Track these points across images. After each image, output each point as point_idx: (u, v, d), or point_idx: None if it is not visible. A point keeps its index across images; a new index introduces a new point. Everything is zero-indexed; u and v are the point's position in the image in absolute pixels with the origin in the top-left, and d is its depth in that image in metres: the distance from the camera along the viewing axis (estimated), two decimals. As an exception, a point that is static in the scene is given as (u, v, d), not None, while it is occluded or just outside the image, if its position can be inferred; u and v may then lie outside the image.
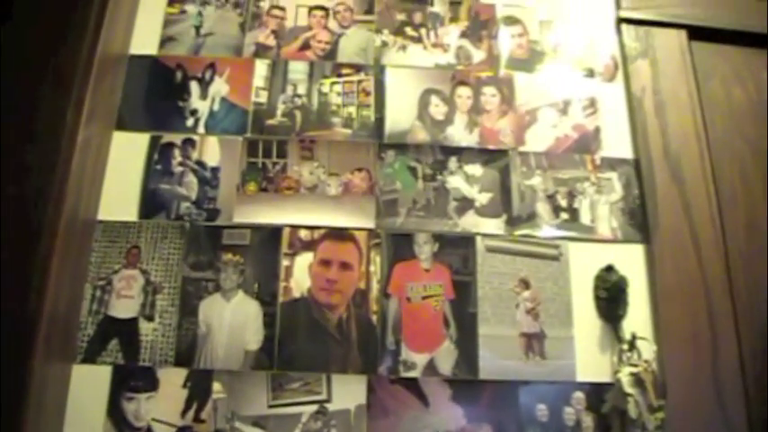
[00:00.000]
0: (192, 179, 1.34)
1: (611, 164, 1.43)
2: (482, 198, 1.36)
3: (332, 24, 1.49)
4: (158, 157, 1.36)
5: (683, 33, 1.57)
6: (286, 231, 1.31)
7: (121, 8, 1.39)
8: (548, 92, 1.48)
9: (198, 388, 1.21)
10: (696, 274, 1.35)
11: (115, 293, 1.26)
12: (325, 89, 1.43)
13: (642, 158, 1.43)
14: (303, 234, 1.31)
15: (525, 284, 1.31)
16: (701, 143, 1.46)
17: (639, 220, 1.39)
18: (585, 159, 1.42)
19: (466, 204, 1.36)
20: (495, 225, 1.35)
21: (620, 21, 1.57)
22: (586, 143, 1.44)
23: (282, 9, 1.50)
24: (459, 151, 1.40)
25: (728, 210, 1.43)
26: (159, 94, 1.41)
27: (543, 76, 1.50)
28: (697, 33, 1.57)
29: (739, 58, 1.59)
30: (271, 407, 1.20)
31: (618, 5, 1.58)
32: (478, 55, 1.49)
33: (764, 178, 1.48)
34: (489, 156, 1.40)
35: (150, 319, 1.24)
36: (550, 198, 1.38)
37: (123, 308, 1.25)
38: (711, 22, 1.58)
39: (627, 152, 1.45)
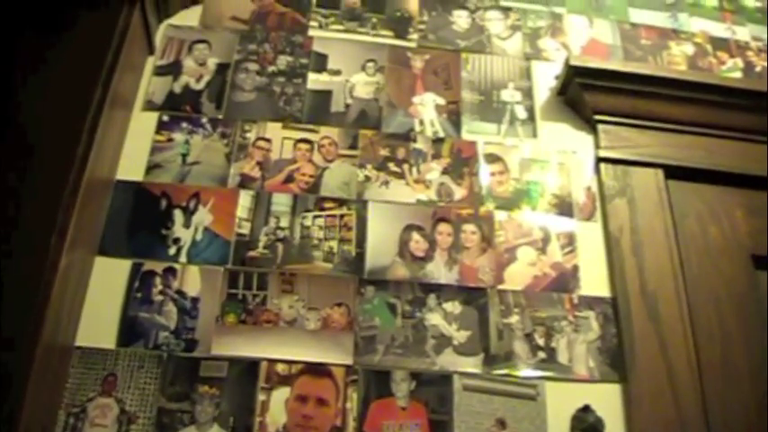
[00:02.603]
0: (171, 308, 1.43)
1: (589, 303, 1.55)
2: (460, 336, 1.47)
3: (316, 158, 1.64)
4: (139, 284, 1.45)
5: (659, 172, 1.72)
6: (264, 365, 1.40)
7: (111, 134, 1.50)
8: (527, 230, 1.61)
9: None
10: (673, 415, 1.44)
11: (89, 422, 1.31)
12: (308, 222, 1.55)
13: (619, 297, 1.55)
14: (281, 368, 1.40)
15: (502, 424, 1.40)
16: (678, 282, 1.59)
17: (616, 360, 1.49)
18: (563, 298, 1.54)
19: (444, 342, 1.46)
20: (472, 363, 1.45)
21: (599, 160, 1.72)
22: (564, 282, 1.57)
23: (268, 141, 1.65)
24: (438, 288, 1.51)
25: (705, 349, 1.53)
26: (143, 221, 1.52)
27: (523, 215, 1.64)
28: (673, 172, 1.73)
29: (714, 196, 1.74)
30: None
31: (597, 145, 1.74)
32: (460, 192, 1.64)
33: (740, 317, 1.59)
34: (468, 293, 1.52)
35: (123, 450, 1.30)
36: (528, 337, 1.49)
37: (96, 438, 1.31)
38: (687, 161, 1.74)
39: (604, 291, 1.57)
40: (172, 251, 1.50)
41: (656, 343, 1.51)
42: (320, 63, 1.78)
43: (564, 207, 1.66)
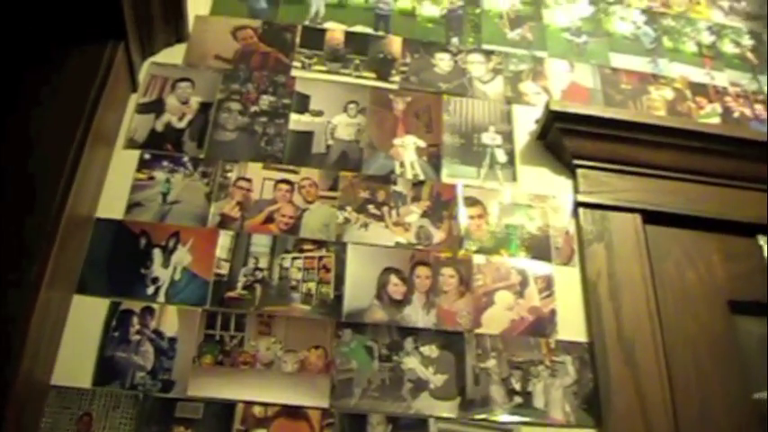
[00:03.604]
0: (148, 348, 1.46)
1: (566, 347, 1.59)
2: (437, 380, 1.51)
3: (297, 199, 1.68)
4: (116, 323, 1.48)
5: (638, 217, 1.78)
6: (240, 407, 1.43)
7: (92, 171, 1.53)
8: (505, 274, 1.66)
9: None
10: (649, 461, 1.48)
11: (63, 463, 1.33)
12: (287, 264, 1.59)
13: (596, 342, 1.59)
14: (257, 411, 1.43)
15: (477, 469, 1.44)
16: (655, 326, 1.64)
17: (593, 405, 1.53)
18: (540, 342, 1.59)
19: (420, 386, 1.49)
20: (448, 408, 1.48)
21: (578, 204, 1.77)
22: (542, 326, 1.61)
23: (249, 181, 1.69)
24: (415, 332, 1.55)
25: (681, 394, 1.57)
26: (122, 259, 1.55)
27: (501, 258, 1.68)
28: (651, 217, 1.79)
29: (692, 241, 1.80)
30: None
31: (576, 189, 1.79)
32: (438, 235, 1.68)
33: (717, 362, 1.64)
34: (445, 337, 1.56)
35: (97, 492, 1.32)
36: (505, 381, 1.53)
37: (70, 480, 1.33)
38: (665, 206, 1.80)
39: (581, 335, 1.61)
40: (150, 290, 1.53)
41: (632, 388, 1.56)
42: (302, 104, 1.83)
43: (542, 251, 1.71)
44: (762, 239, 1.82)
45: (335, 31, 1.98)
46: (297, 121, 1.80)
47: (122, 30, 1.59)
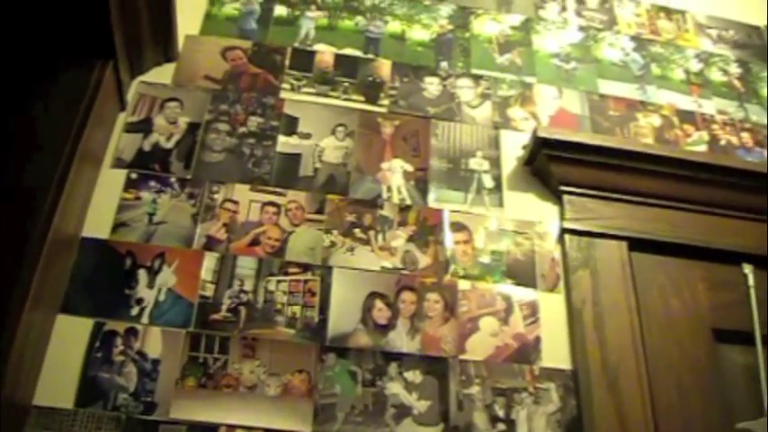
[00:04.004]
0: (131, 369, 1.47)
1: (550, 374, 1.60)
2: (420, 406, 1.52)
3: (283, 221, 1.69)
4: (100, 344, 1.48)
5: (623, 245, 1.80)
6: (222, 431, 1.43)
7: (78, 190, 1.54)
8: (490, 300, 1.67)
9: None
10: (631, 491, 1.49)
11: (43, 484, 1.34)
12: (272, 287, 1.60)
13: (580, 370, 1.61)
14: (239, 434, 1.44)
15: (459, 496, 1.45)
16: (639, 354, 1.65)
17: (576, 433, 1.54)
18: (524, 369, 1.60)
19: (404, 412, 1.50)
20: (431, 434, 1.50)
21: (564, 231, 1.79)
22: (526, 353, 1.62)
23: (236, 203, 1.70)
24: (399, 357, 1.56)
25: (664, 422, 1.59)
26: (107, 280, 1.56)
27: (486, 284, 1.70)
28: (637, 245, 1.81)
29: (677, 269, 1.82)
30: None
31: (562, 216, 1.82)
32: (424, 260, 1.70)
33: (701, 390, 1.66)
34: (429, 363, 1.57)
35: None
36: (488, 408, 1.54)
37: (48, 502, 1.33)
38: (651, 234, 1.82)
39: (566, 363, 1.63)
40: (134, 311, 1.54)
41: (615, 416, 1.57)
42: (291, 126, 1.85)
43: (527, 277, 1.73)
44: (747, 268, 1.84)
45: (325, 54, 2.00)
46: (285, 143, 1.82)
47: (112, 49, 1.60)
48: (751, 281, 1.82)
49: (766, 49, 2.38)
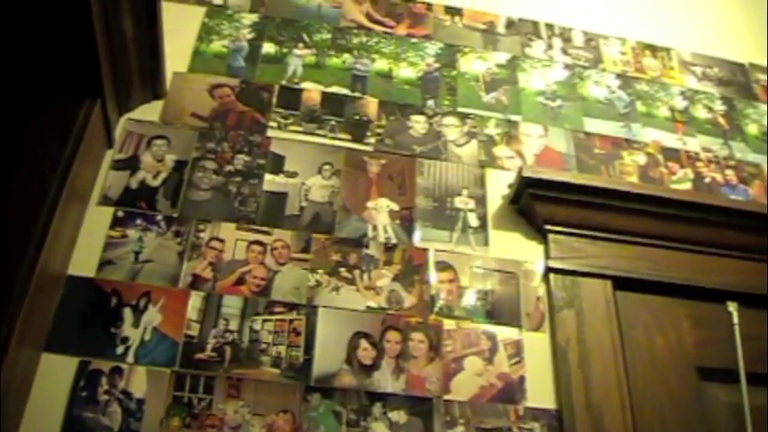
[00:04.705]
0: (116, 409, 1.48)
1: (534, 414, 1.63)
2: (404, 447, 1.54)
3: (269, 260, 1.72)
4: (85, 383, 1.49)
5: (608, 283, 1.84)
6: (206, 471, 1.45)
7: (65, 228, 1.56)
8: (475, 340, 1.70)
9: None
10: None
11: None
12: (257, 326, 1.62)
13: (564, 410, 1.63)
14: (223, 475, 1.46)
15: None
16: (623, 393, 1.68)
17: (560, 472, 1.57)
18: (509, 409, 1.62)
19: (388, 452, 1.53)
20: (415, 474, 1.52)
21: (549, 270, 1.83)
22: (511, 393, 1.65)
23: (222, 241, 1.73)
24: (384, 397, 1.58)
25: (650, 462, 1.61)
26: (92, 318, 1.57)
27: (471, 324, 1.73)
28: (622, 283, 1.84)
29: (662, 307, 1.85)
30: None
31: (547, 255, 1.85)
32: (409, 300, 1.73)
33: (685, 428, 1.69)
34: (414, 403, 1.59)
35: None
36: (472, 448, 1.57)
37: None
38: (635, 272, 1.86)
39: (550, 403, 1.65)
40: (119, 350, 1.55)
41: (600, 456, 1.59)
42: (277, 164, 1.88)
43: (512, 317, 1.76)
44: (731, 306, 1.87)
45: (312, 92, 2.04)
46: (271, 181, 1.85)
47: (99, 87, 1.63)
48: (735, 319, 1.86)
49: (750, 87, 2.42)
